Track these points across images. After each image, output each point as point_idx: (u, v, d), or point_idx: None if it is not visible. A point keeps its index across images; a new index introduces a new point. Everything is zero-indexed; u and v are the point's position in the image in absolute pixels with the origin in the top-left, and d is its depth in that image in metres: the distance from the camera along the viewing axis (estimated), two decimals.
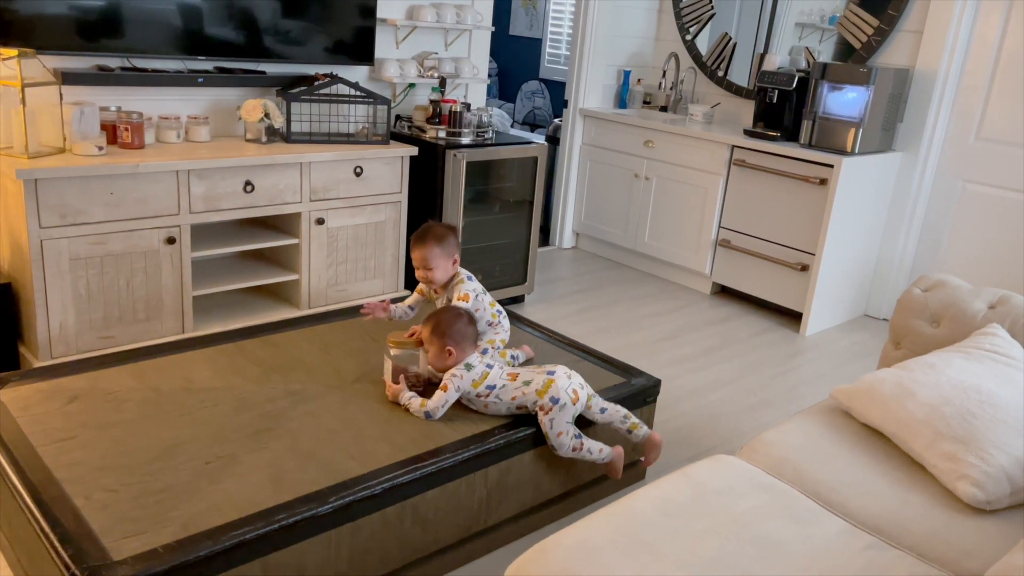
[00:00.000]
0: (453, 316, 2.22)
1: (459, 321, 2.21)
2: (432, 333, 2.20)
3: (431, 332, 2.20)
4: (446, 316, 2.22)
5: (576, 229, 5.21)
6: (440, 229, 2.46)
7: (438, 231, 2.45)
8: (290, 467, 1.92)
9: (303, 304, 3.43)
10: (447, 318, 2.21)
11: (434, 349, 2.20)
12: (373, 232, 3.57)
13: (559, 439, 2.16)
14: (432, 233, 2.44)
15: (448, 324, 2.19)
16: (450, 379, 2.18)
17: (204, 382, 2.29)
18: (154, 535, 1.63)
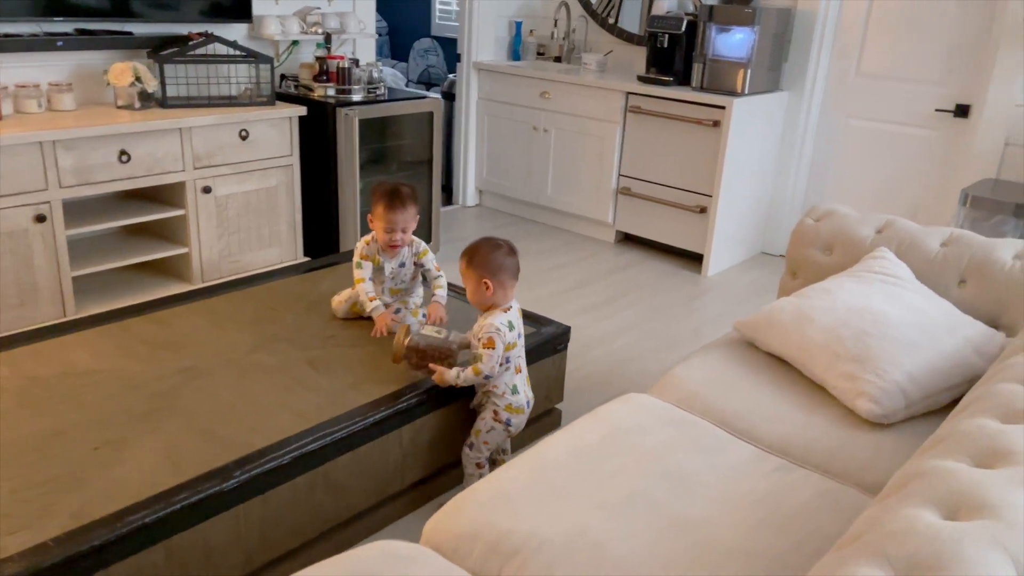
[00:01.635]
0: (491, 246, 2.03)
1: (498, 252, 2.02)
2: (469, 265, 2.01)
3: (467, 264, 2.02)
4: (484, 246, 2.04)
5: (479, 186, 5.14)
6: (408, 188, 2.34)
7: (409, 191, 2.33)
8: (188, 446, 1.81)
9: (195, 278, 3.26)
10: (485, 248, 2.03)
11: (471, 284, 2.02)
12: (265, 198, 3.41)
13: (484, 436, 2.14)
14: (407, 194, 2.31)
15: (486, 254, 2.01)
16: (495, 334, 2.00)
17: (85, 365, 2.14)
18: (40, 529, 1.52)
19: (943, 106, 3.89)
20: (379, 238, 2.34)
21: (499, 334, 2.00)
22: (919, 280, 2.13)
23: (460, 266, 2.07)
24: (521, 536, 1.37)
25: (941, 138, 3.92)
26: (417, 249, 2.40)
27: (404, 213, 2.30)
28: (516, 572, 1.33)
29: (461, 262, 2.06)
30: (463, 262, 2.05)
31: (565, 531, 1.38)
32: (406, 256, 2.39)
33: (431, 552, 1.37)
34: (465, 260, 2.04)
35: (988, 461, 1.11)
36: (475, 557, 1.37)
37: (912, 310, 1.97)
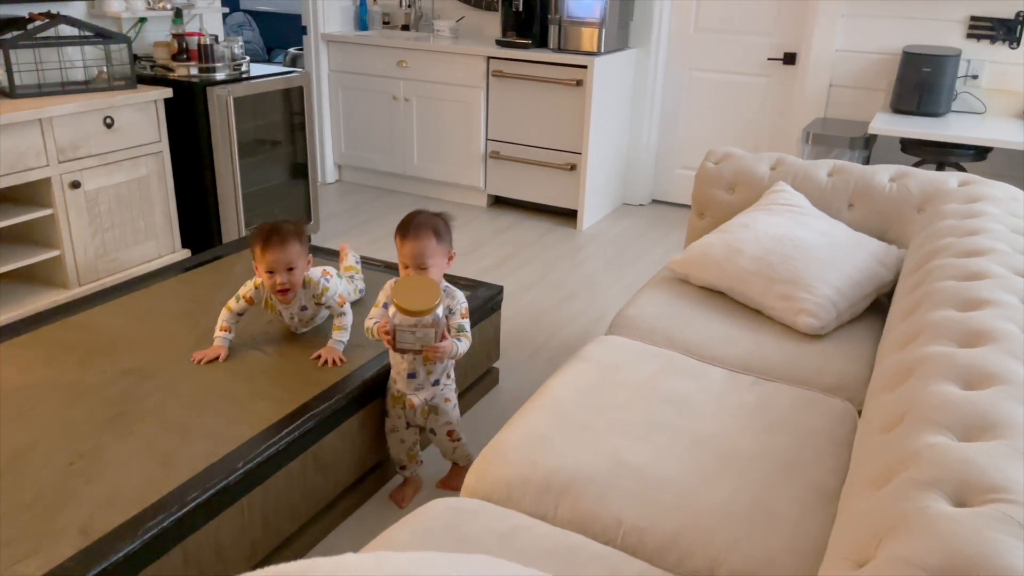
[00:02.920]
0: (443, 218, 1.97)
1: (442, 222, 1.97)
2: (439, 241, 1.91)
3: (436, 240, 1.90)
4: (438, 219, 1.95)
5: (338, 161, 5.04)
6: (292, 225, 2.07)
7: (293, 227, 2.06)
8: (172, 445, 1.73)
9: (71, 283, 3.00)
10: (441, 221, 1.95)
11: (438, 259, 1.92)
12: (136, 189, 3.19)
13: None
14: (288, 231, 2.04)
15: (447, 226, 1.96)
16: (466, 303, 2.00)
17: (16, 381, 1.95)
18: (52, 551, 1.41)
19: (773, 55, 4.30)
20: (263, 282, 2.08)
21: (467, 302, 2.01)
22: (816, 207, 2.41)
23: (419, 246, 1.89)
24: (568, 472, 1.46)
25: (774, 84, 4.34)
26: (315, 291, 2.13)
27: (283, 251, 2.02)
28: (572, 506, 1.41)
29: (419, 241, 1.89)
30: (426, 241, 1.89)
31: (604, 462, 1.49)
32: (304, 299, 2.15)
33: (485, 503, 1.43)
34: (430, 237, 1.90)
35: (972, 341, 1.33)
36: (529, 500, 1.44)
37: (821, 233, 2.23)
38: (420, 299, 1.78)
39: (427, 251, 1.89)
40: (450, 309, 1.96)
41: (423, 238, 1.89)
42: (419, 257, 1.89)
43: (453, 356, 1.93)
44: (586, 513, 1.40)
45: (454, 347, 1.91)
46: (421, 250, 1.88)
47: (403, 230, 1.92)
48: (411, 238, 1.90)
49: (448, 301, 1.96)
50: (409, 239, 1.90)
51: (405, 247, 1.90)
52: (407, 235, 1.90)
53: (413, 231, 1.90)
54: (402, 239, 1.91)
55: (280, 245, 2.03)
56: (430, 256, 1.89)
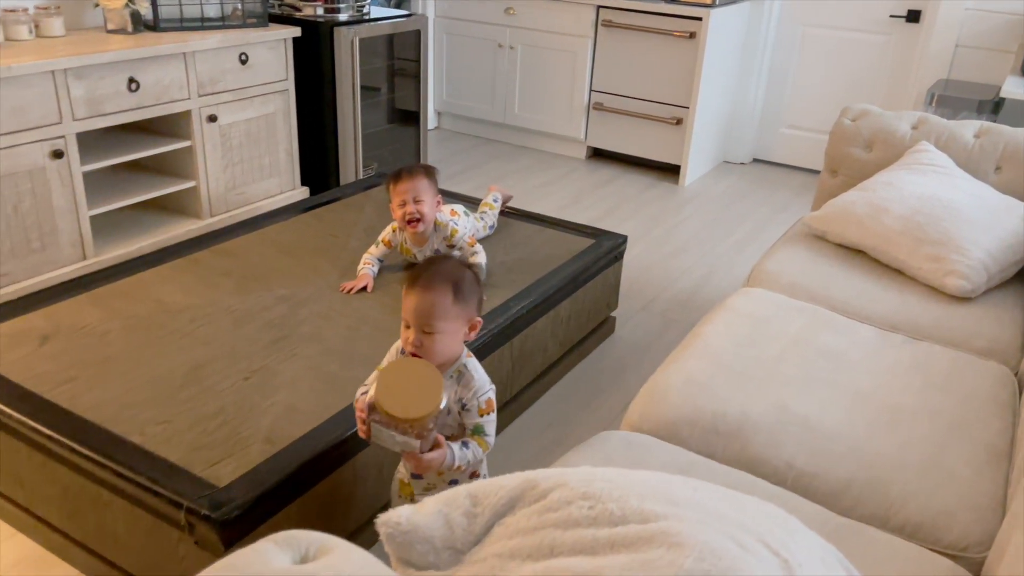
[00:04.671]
0: (469, 272, 1.49)
1: (474, 279, 1.50)
2: (456, 299, 1.42)
3: (453, 297, 1.41)
4: (462, 272, 1.47)
5: (437, 108, 5.08)
6: (423, 165, 2.17)
7: (423, 166, 2.16)
8: (334, 368, 1.82)
9: (204, 213, 3.12)
10: (467, 275, 1.47)
11: (453, 326, 1.43)
12: (264, 126, 3.28)
13: None
14: (417, 166, 2.15)
15: (473, 283, 1.48)
16: (492, 392, 1.52)
17: (179, 301, 2.06)
18: (242, 457, 1.51)
19: (896, 12, 4.14)
20: (395, 217, 2.16)
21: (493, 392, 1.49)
22: (960, 168, 2.35)
23: (427, 300, 1.39)
24: (734, 417, 1.49)
25: (894, 42, 4.19)
26: (445, 233, 2.21)
27: (413, 183, 2.11)
28: (741, 449, 1.45)
29: (430, 294, 1.39)
30: (440, 296, 1.40)
31: (770, 410, 1.51)
32: (436, 242, 2.22)
33: (653, 439, 1.47)
34: (446, 292, 1.40)
35: None
36: (695, 440, 1.48)
37: (970, 195, 2.18)
38: (410, 398, 1.31)
39: (437, 310, 1.37)
40: (463, 404, 1.47)
41: (436, 291, 1.39)
42: (424, 316, 1.38)
43: (450, 468, 1.43)
44: (755, 457, 1.43)
45: (452, 458, 1.41)
46: (429, 307, 1.38)
47: (412, 279, 1.43)
48: (419, 288, 1.39)
49: (461, 392, 1.47)
50: (416, 290, 1.40)
51: (409, 299, 1.41)
52: (414, 285, 1.40)
53: (424, 281, 1.40)
54: (408, 288, 1.42)
55: (410, 177, 2.14)
56: (440, 318, 1.38)
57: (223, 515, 1.36)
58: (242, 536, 1.41)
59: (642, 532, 0.77)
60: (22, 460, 1.62)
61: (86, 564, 1.65)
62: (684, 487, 0.91)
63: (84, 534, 1.60)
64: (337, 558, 0.73)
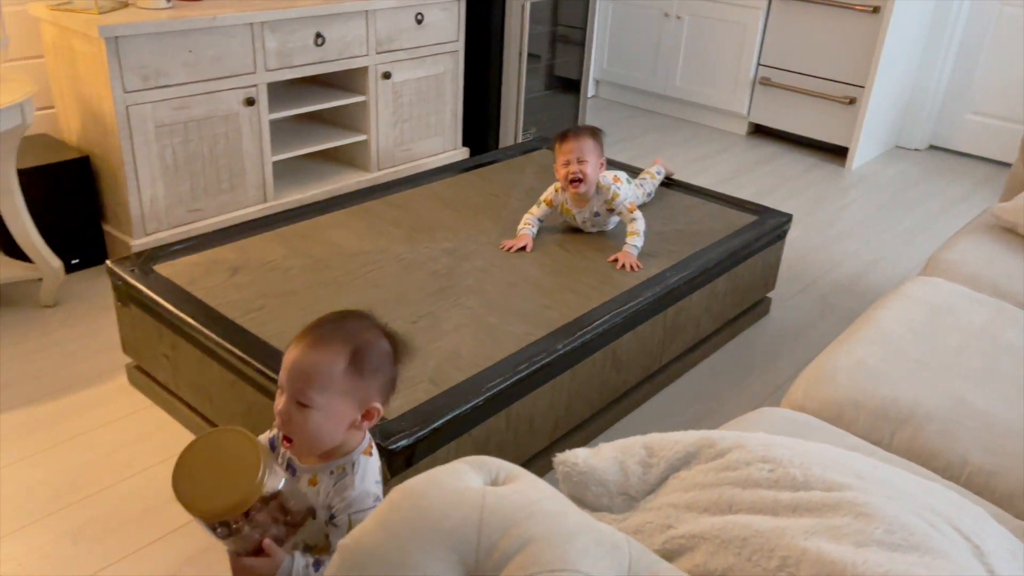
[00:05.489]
0: (377, 336, 1.21)
1: (381, 346, 1.21)
2: (350, 370, 1.15)
3: (348, 362, 1.15)
4: (373, 339, 1.19)
5: (596, 76, 5.05)
6: (590, 127, 2.24)
7: (590, 128, 2.23)
8: (495, 321, 1.88)
9: (371, 166, 3.27)
10: (375, 345, 1.19)
11: (339, 401, 1.14)
12: (434, 85, 3.38)
13: None
14: (584, 128, 2.22)
15: (379, 359, 1.19)
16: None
17: (352, 246, 2.19)
18: (409, 393, 1.60)
19: None
20: (559, 176, 2.23)
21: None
22: None
23: (310, 359, 1.14)
24: (906, 404, 1.44)
25: None
26: (606, 196, 2.23)
27: (578, 142, 2.17)
28: (911, 438, 1.39)
29: (317, 351, 1.15)
30: (330, 354, 1.14)
31: (946, 400, 1.44)
32: (597, 205, 2.26)
33: (815, 419, 1.44)
34: (343, 355, 1.15)
35: None
36: (861, 424, 1.44)
37: None
38: (210, 485, 1.03)
39: (319, 377, 1.13)
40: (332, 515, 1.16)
41: (325, 351, 1.14)
42: (300, 379, 1.13)
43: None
44: (926, 447, 1.37)
45: (291, 570, 1.10)
46: (309, 369, 1.13)
47: (303, 330, 1.21)
48: (306, 343, 1.16)
49: (332, 498, 1.16)
50: (302, 344, 1.16)
51: (289, 353, 1.16)
52: (302, 337, 1.17)
53: (315, 335, 1.16)
54: (295, 339, 1.18)
55: (576, 137, 2.20)
56: (320, 388, 1.13)
57: (392, 443, 1.45)
58: (406, 467, 1.49)
59: (827, 499, 0.77)
60: (213, 377, 1.79)
61: None
62: (866, 463, 0.89)
63: None
64: (525, 485, 0.78)
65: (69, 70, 2.53)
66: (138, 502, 1.76)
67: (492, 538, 0.68)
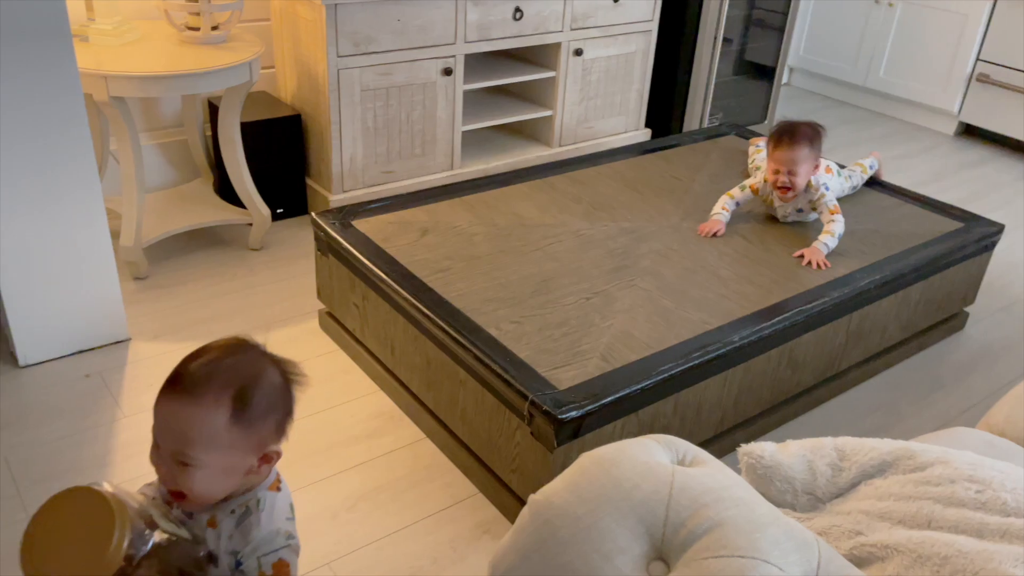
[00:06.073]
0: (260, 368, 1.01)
1: (267, 378, 1.01)
2: (235, 420, 0.97)
3: (233, 412, 0.97)
4: (257, 373, 1.00)
5: (791, 63, 4.82)
6: (809, 129, 2.13)
7: (808, 132, 2.13)
8: (669, 305, 1.87)
9: (554, 142, 3.31)
10: (261, 380, 1.00)
11: (226, 456, 0.98)
12: (623, 64, 3.36)
13: None
14: (802, 134, 2.11)
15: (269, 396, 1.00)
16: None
17: (534, 218, 2.23)
18: (580, 367, 1.63)
19: None
20: (768, 175, 2.20)
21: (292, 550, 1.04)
22: None
23: (184, 415, 0.96)
24: None
25: None
26: (813, 196, 2.18)
27: (791, 153, 2.10)
28: None
29: (191, 404, 0.97)
30: (208, 407, 0.96)
31: None
32: (802, 202, 2.21)
33: (1016, 445, 1.33)
34: (224, 404, 0.97)
35: None
36: None
37: None
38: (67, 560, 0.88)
39: (199, 435, 0.96)
40: (238, 560, 1.00)
41: (202, 403, 0.96)
42: (177, 439, 0.96)
43: None
44: None
45: None
46: (185, 426, 0.96)
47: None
48: (178, 394, 0.97)
49: (237, 542, 1.01)
50: (173, 394, 0.98)
51: (160, 406, 0.98)
52: (173, 385, 0.98)
53: (187, 382, 0.97)
54: (164, 388, 0.99)
55: (789, 146, 2.13)
56: (204, 447, 0.96)
57: (562, 413, 1.48)
58: (572, 437, 1.53)
59: None
60: (397, 330, 1.90)
61: (431, 429, 1.90)
62: None
63: (436, 404, 1.84)
64: (714, 469, 0.78)
65: (291, 33, 2.73)
66: (320, 438, 1.90)
67: (681, 516, 0.69)
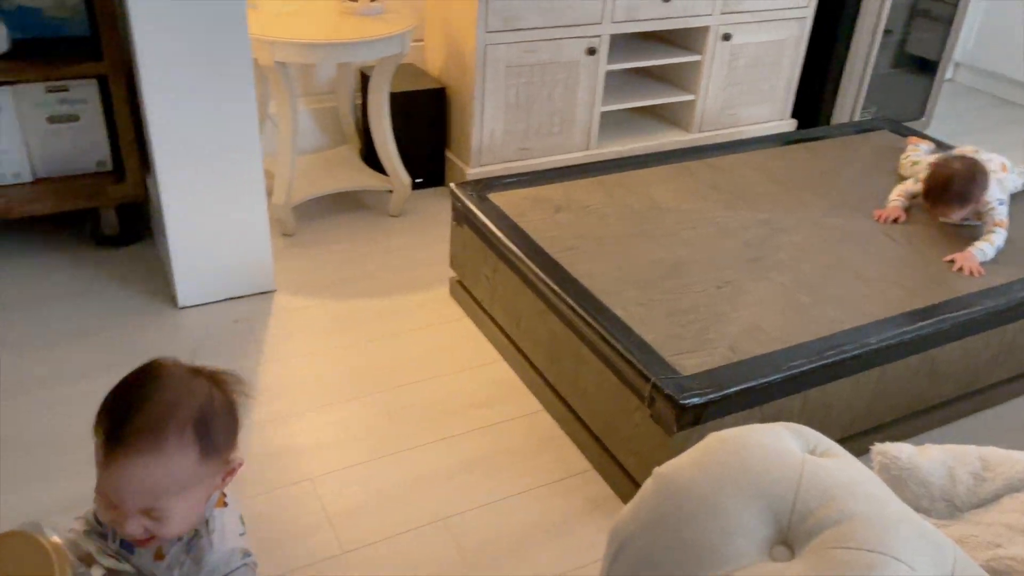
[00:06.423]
0: (207, 390, 0.92)
1: (217, 400, 0.93)
2: (204, 454, 0.89)
3: (200, 448, 0.89)
4: (206, 399, 0.91)
5: (957, 59, 4.51)
6: (962, 181, 2.03)
7: (960, 186, 2.03)
8: (804, 301, 1.81)
9: (693, 127, 3.25)
10: (213, 404, 0.91)
11: (200, 488, 0.91)
12: (772, 51, 3.25)
13: None
14: (952, 191, 2.03)
15: (224, 415, 0.93)
16: None
17: (668, 202, 2.21)
18: (706, 355, 1.61)
19: None
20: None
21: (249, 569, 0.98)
22: None
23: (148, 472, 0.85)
24: None
25: None
26: (982, 208, 2.09)
27: (940, 210, 2.09)
28: None
29: (154, 455, 0.85)
30: (172, 454, 0.86)
31: None
32: (969, 212, 2.11)
33: None
34: (191, 443, 0.87)
35: None
36: None
37: None
38: None
39: (171, 483, 0.87)
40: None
41: (166, 451, 0.85)
42: (146, 496, 0.85)
43: None
44: None
45: None
46: (152, 483, 0.85)
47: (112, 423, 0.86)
48: (132, 451, 0.84)
49: (190, 570, 0.93)
50: (125, 451, 0.84)
51: (111, 468, 0.84)
52: (119, 442, 0.84)
53: (140, 435, 0.84)
54: (108, 443, 0.85)
55: (936, 205, 2.09)
56: (177, 493, 0.87)
57: (684, 398, 1.48)
58: (693, 424, 1.52)
59: None
60: (525, 303, 1.93)
61: (550, 403, 1.93)
62: None
63: (556, 379, 1.87)
64: (847, 463, 0.76)
65: (442, 8, 2.80)
66: (440, 401, 1.97)
67: (809, 504, 0.68)
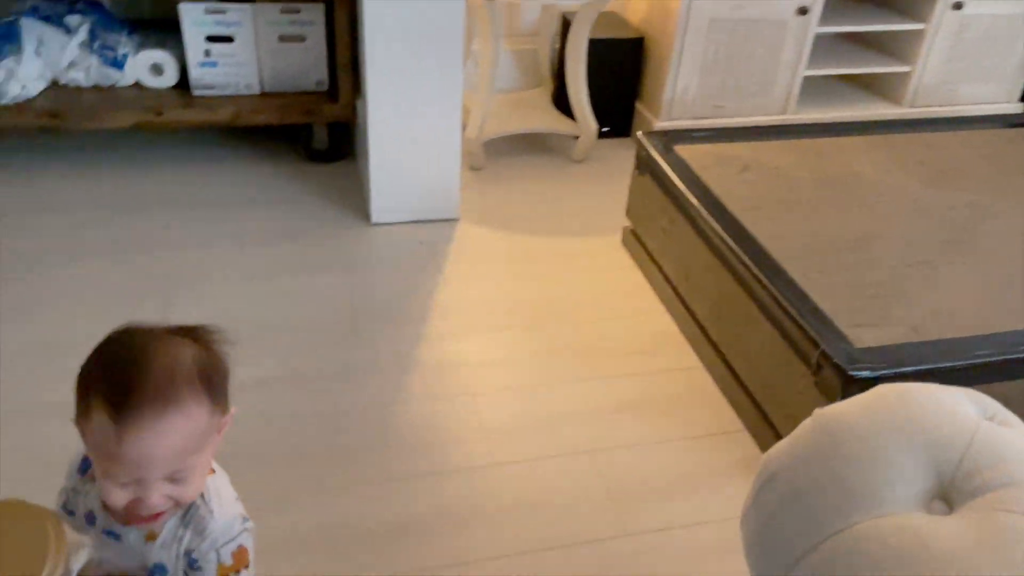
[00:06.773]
0: (202, 352, 0.86)
1: (213, 356, 0.88)
2: (214, 406, 0.85)
3: (211, 401, 0.85)
4: (203, 358, 0.86)
5: None
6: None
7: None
8: (1004, 291, 1.69)
9: (904, 100, 3.04)
10: (211, 360, 0.86)
11: (212, 444, 0.87)
12: (1008, 26, 2.97)
13: None
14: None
15: (221, 368, 0.87)
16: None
17: (866, 172, 2.11)
18: (884, 331, 1.55)
19: None
20: None
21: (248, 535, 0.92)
22: None
23: (171, 437, 0.80)
24: None
25: None
26: None
27: None
28: None
29: (178, 417, 0.80)
30: (191, 414, 0.81)
31: None
32: None
33: None
34: (203, 400, 0.83)
35: None
36: None
37: None
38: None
39: (192, 442, 0.82)
40: (191, 561, 0.88)
41: (185, 411, 0.81)
42: (170, 462, 0.81)
43: None
44: None
45: None
46: (177, 447, 0.81)
47: (117, 399, 0.78)
48: (149, 420, 0.78)
49: (191, 542, 0.88)
50: (141, 423, 0.78)
51: (127, 442, 0.78)
52: (130, 411, 0.78)
53: (153, 404, 0.79)
54: (118, 416, 0.77)
55: None
56: (197, 450, 0.83)
57: (853, 370, 1.44)
58: None
59: None
60: (697, 258, 1.93)
61: (710, 360, 1.92)
62: None
63: (720, 337, 1.86)
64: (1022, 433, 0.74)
65: None
66: (601, 344, 2.01)
67: (977, 464, 0.68)
